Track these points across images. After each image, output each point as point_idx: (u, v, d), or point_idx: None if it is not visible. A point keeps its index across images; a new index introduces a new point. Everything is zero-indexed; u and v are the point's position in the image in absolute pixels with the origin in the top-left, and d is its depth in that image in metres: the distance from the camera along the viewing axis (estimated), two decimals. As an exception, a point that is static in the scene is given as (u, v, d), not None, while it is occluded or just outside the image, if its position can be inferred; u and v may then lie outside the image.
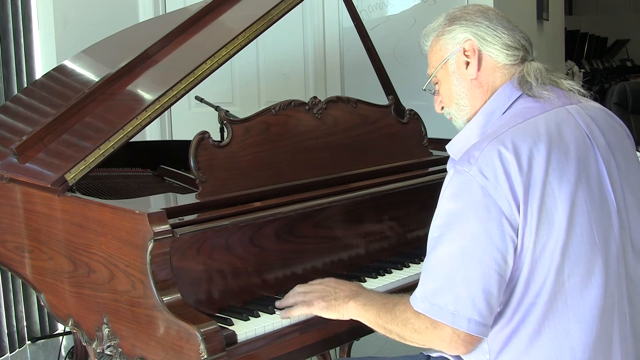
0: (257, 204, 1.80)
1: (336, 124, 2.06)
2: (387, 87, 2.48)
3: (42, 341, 3.65)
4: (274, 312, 1.69)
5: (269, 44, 3.99)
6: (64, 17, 3.71)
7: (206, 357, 1.47)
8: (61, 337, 3.34)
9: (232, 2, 2.31)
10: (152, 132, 3.92)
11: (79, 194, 1.87)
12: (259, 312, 1.67)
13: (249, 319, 1.65)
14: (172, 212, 1.63)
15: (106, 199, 1.87)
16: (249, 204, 1.80)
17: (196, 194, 1.78)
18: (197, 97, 2.64)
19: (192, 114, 3.96)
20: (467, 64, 1.58)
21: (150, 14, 3.94)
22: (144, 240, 1.57)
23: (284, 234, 1.84)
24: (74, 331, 1.88)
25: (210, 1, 2.29)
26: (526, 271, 1.42)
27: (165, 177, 2.26)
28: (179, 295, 1.58)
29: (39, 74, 3.59)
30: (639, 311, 1.53)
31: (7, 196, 2.08)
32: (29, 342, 3.62)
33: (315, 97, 2.04)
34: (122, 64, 2.09)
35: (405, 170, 2.17)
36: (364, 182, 2.03)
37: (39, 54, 3.67)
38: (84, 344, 1.84)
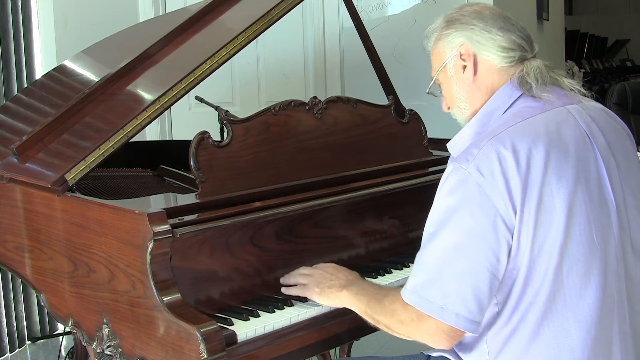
0: (257, 204, 1.80)
1: (336, 124, 2.06)
2: (387, 87, 2.48)
3: (42, 341, 3.65)
4: (274, 312, 1.69)
5: (269, 44, 3.99)
6: (64, 17, 3.71)
7: (206, 357, 1.47)
8: (61, 337, 3.34)
9: (232, 2, 2.31)
10: (152, 132, 3.92)
11: (79, 194, 1.87)
12: (259, 312, 1.68)
13: (249, 319, 1.65)
14: (172, 212, 1.63)
15: (106, 199, 1.87)
16: (249, 204, 1.80)
17: (196, 194, 1.78)
18: (197, 97, 2.64)
19: (192, 114, 3.96)
20: (464, 67, 1.59)
21: (150, 14, 3.94)
22: (144, 240, 1.57)
23: (284, 234, 1.84)
24: (74, 331, 1.88)
25: (210, 1, 2.29)
26: (524, 271, 1.42)
27: (165, 177, 2.26)
28: (179, 295, 1.58)
29: (39, 74, 3.59)
30: (639, 311, 1.53)
31: (7, 196, 2.08)
32: (29, 342, 3.62)
33: (315, 97, 2.04)
34: (122, 64, 2.09)
35: (405, 170, 2.17)
36: (364, 182, 2.03)
37: (39, 54, 3.67)
38: (84, 344, 1.84)
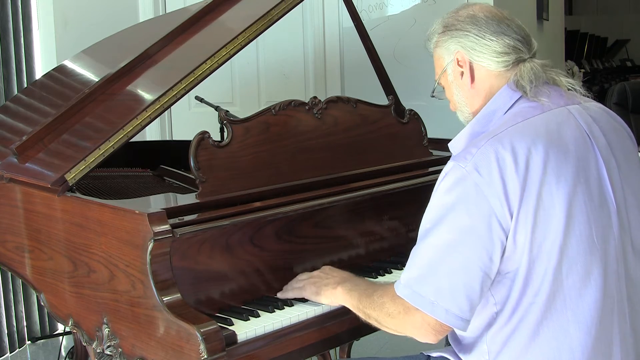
0: (257, 204, 1.80)
1: (336, 124, 2.06)
2: (387, 87, 2.48)
3: (42, 341, 3.65)
4: (274, 312, 1.69)
5: (269, 44, 3.99)
6: (64, 17, 3.71)
7: (206, 357, 1.47)
8: (61, 337, 3.34)
9: (232, 2, 2.31)
10: (152, 132, 3.91)
11: (79, 194, 1.87)
12: (259, 312, 1.68)
13: (249, 319, 1.65)
14: (172, 212, 1.63)
15: (106, 199, 1.87)
16: (249, 204, 1.80)
17: (196, 194, 1.78)
18: (197, 97, 2.64)
19: (192, 114, 3.96)
20: (462, 74, 1.60)
21: (150, 14, 3.94)
22: (144, 240, 1.57)
23: (284, 234, 1.84)
24: (74, 331, 1.88)
25: (210, 1, 2.29)
26: (524, 270, 1.42)
27: (165, 177, 2.26)
28: (179, 295, 1.58)
29: (39, 74, 3.59)
30: (639, 311, 1.53)
31: (7, 196, 2.08)
32: (29, 342, 3.61)
33: (315, 97, 2.04)
34: (122, 64, 2.09)
35: (405, 170, 2.17)
36: (364, 182, 2.03)
37: (39, 54, 3.67)
38: (84, 344, 1.84)
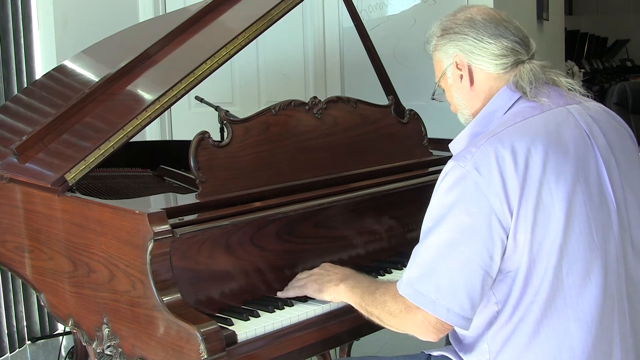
0: (257, 204, 1.80)
1: (336, 124, 2.06)
2: (387, 87, 2.48)
3: (42, 341, 3.65)
4: (274, 311, 1.69)
5: (269, 44, 3.99)
6: (64, 17, 3.71)
7: (206, 357, 1.47)
8: (61, 337, 3.34)
9: (232, 2, 2.31)
10: (152, 132, 3.91)
11: (79, 194, 1.87)
12: (259, 312, 1.68)
13: (249, 319, 1.65)
14: (172, 212, 1.63)
15: (106, 199, 1.87)
16: (249, 204, 1.80)
17: (196, 194, 1.78)
18: (197, 97, 2.64)
19: (192, 114, 3.96)
20: (461, 77, 1.60)
21: (150, 14, 3.94)
22: (144, 240, 1.57)
23: (284, 234, 1.84)
24: (74, 331, 1.88)
25: (210, 1, 2.29)
26: (524, 270, 1.42)
27: (165, 177, 2.26)
28: (179, 295, 1.58)
29: (39, 74, 3.59)
30: (639, 310, 1.53)
31: (7, 196, 2.08)
32: (29, 342, 3.61)
33: (315, 97, 2.04)
34: (122, 64, 2.09)
35: (405, 170, 2.17)
36: (364, 182, 2.03)
37: (39, 54, 3.67)
38: (84, 344, 1.84)
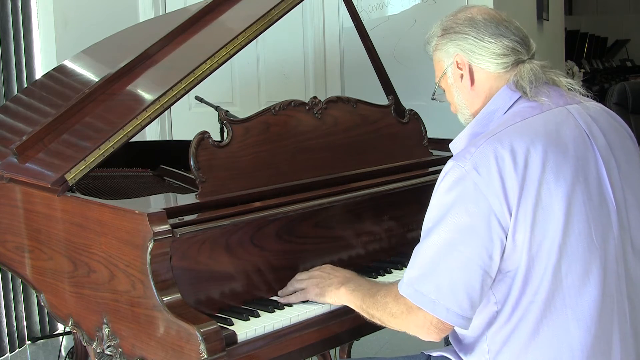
0: (257, 204, 1.80)
1: (336, 124, 2.06)
2: (387, 87, 2.48)
3: (42, 341, 3.65)
4: (274, 311, 1.69)
5: (269, 44, 3.99)
6: (64, 17, 3.71)
7: (206, 357, 1.47)
8: (61, 337, 3.34)
9: (232, 2, 2.31)
10: (152, 132, 3.91)
11: (79, 194, 1.87)
12: (259, 312, 1.68)
13: (249, 319, 1.65)
14: (172, 212, 1.63)
15: (106, 199, 1.87)
16: (249, 204, 1.80)
17: (196, 194, 1.78)
18: (197, 97, 2.64)
19: (192, 114, 3.96)
20: (462, 76, 1.61)
21: (150, 14, 3.94)
22: (144, 240, 1.57)
23: (284, 234, 1.84)
24: (74, 331, 1.88)
25: (210, 1, 2.29)
26: (523, 270, 1.42)
27: (165, 177, 2.26)
28: (179, 295, 1.58)
29: (39, 74, 3.59)
30: (639, 310, 1.53)
31: (7, 196, 2.08)
32: (29, 342, 3.61)
33: (315, 97, 2.04)
34: (122, 64, 2.09)
35: (405, 170, 2.17)
36: (364, 182, 2.03)
37: (39, 54, 3.67)
38: (84, 344, 1.84)
